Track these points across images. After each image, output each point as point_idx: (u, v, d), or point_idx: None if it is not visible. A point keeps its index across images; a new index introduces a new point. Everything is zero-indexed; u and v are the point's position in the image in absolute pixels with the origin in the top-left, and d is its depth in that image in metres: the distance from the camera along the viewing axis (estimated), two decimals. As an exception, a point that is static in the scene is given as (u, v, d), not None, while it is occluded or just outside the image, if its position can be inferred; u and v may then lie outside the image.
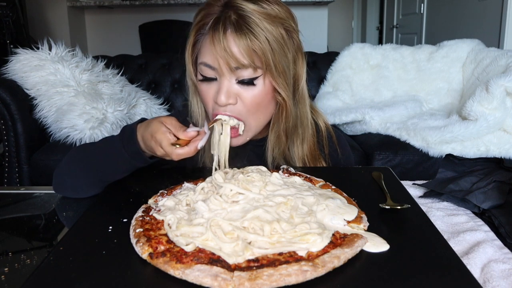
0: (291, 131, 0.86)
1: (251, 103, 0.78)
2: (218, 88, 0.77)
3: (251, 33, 0.73)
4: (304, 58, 0.84)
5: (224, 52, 0.73)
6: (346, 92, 2.39)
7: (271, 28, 0.75)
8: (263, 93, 0.78)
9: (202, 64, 0.78)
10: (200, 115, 0.87)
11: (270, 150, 0.87)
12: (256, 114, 0.80)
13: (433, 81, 2.39)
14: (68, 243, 0.52)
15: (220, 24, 0.74)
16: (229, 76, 0.76)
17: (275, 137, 0.86)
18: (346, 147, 1.00)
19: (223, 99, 0.76)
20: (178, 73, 2.56)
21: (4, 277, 0.53)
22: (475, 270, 0.57)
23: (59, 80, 1.95)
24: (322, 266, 0.44)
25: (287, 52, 0.78)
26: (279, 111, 0.83)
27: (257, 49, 0.74)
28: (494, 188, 0.78)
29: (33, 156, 1.94)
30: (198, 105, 0.86)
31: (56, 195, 0.83)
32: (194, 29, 0.79)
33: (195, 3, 3.80)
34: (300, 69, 0.83)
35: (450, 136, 1.79)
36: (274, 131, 0.86)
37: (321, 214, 0.56)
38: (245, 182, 0.61)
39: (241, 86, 0.77)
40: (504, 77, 1.78)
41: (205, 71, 0.78)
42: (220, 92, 0.76)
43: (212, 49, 0.75)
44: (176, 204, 0.60)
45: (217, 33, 0.74)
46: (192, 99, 0.86)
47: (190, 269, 0.44)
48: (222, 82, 0.77)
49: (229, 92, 0.76)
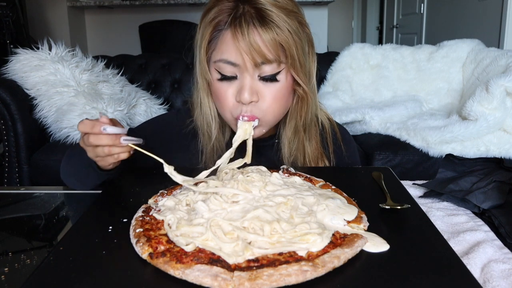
0: (309, 125, 0.86)
1: (273, 99, 0.77)
2: (240, 85, 0.75)
3: (276, 26, 0.72)
4: (315, 51, 0.84)
5: (250, 47, 0.71)
6: (346, 92, 2.39)
7: (289, 21, 0.74)
8: (284, 88, 0.78)
9: (221, 62, 0.75)
10: (213, 118, 0.84)
11: (287, 145, 0.86)
12: (275, 109, 0.79)
13: (433, 81, 2.39)
14: (68, 243, 0.52)
15: (242, 19, 0.72)
16: (252, 72, 0.74)
17: (292, 132, 0.85)
18: (351, 144, 0.98)
19: (247, 97, 0.74)
20: (178, 73, 2.56)
21: (4, 277, 0.54)
22: (475, 270, 0.57)
23: (59, 80, 1.96)
24: (322, 266, 0.44)
25: (305, 44, 0.78)
26: (298, 104, 0.82)
27: (282, 42, 0.73)
28: (494, 188, 0.78)
29: (33, 156, 1.94)
30: (210, 105, 0.84)
31: (56, 195, 0.84)
32: (209, 26, 0.76)
33: (195, 3, 3.80)
34: (312, 63, 0.83)
35: (450, 136, 1.79)
36: (291, 125, 0.85)
37: (321, 214, 0.56)
38: (245, 182, 0.61)
39: (264, 83, 0.76)
40: (504, 77, 1.78)
41: (225, 68, 0.75)
42: (243, 90, 0.74)
43: (235, 44, 0.72)
44: (176, 204, 0.60)
45: (241, 28, 0.71)
46: (203, 100, 0.84)
47: (190, 269, 0.44)
48: (245, 79, 0.75)
49: (252, 89, 0.75)
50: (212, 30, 0.76)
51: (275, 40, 0.72)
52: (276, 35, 0.72)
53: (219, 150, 0.87)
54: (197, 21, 0.81)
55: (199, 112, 0.86)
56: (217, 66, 0.76)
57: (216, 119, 0.85)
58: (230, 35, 0.73)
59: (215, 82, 0.78)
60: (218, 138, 0.87)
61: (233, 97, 0.77)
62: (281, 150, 0.88)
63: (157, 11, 4.07)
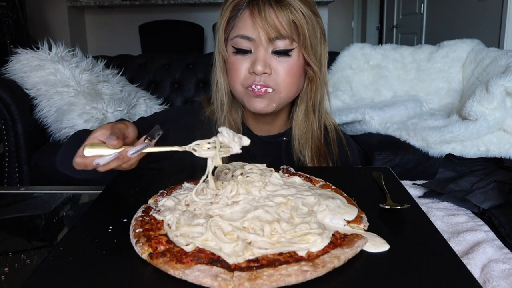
0: (318, 107, 0.91)
1: (286, 74, 0.82)
2: (254, 58, 0.81)
3: (291, 6, 0.79)
4: (327, 43, 0.90)
5: (265, 22, 0.78)
6: (346, 92, 2.39)
7: (304, 6, 0.80)
8: (296, 65, 0.83)
9: (238, 37, 0.81)
10: (226, 94, 0.89)
11: (298, 127, 0.91)
12: (289, 84, 0.84)
13: (433, 81, 2.39)
14: (68, 243, 0.52)
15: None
16: (266, 46, 0.80)
17: (303, 114, 0.90)
18: (354, 150, 1.02)
19: (260, 68, 0.79)
20: (178, 73, 2.56)
21: (4, 277, 0.54)
22: (475, 270, 0.57)
23: (59, 80, 1.96)
24: (322, 266, 0.44)
25: (317, 31, 0.84)
26: (308, 86, 0.88)
27: (296, 20, 0.79)
28: (494, 188, 0.78)
29: (33, 156, 1.94)
30: (224, 83, 0.88)
31: (56, 195, 0.83)
32: (229, 6, 0.83)
33: (195, 3, 3.80)
34: (323, 52, 0.89)
35: (450, 136, 1.79)
36: (301, 108, 0.90)
37: (322, 215, 0.56)
38: (245, 183, 0.61)
39: (277, 57, 0.81)
40: (504, 77, 1.77)
41: (241, 43, 0.81)
42: (257, 61, 0.80)
43: (252, 20, 0.79)
44: (176, 204, 0.60)
45: (257, 6, 0.79)
46: (219, 78, 0.89)
47: (190, 269, 0.44)
48: (259, 52, 0.81)
49: (265, 62, 0.80)
50: (232, 9, 0.83)
51: (289, 18, 0.79)
52: (290, 14, 0.79)
53: (235, 130, 0.90)
54: (197, 21, 0.84)
55: (215, 90, 0.91)
56: (234, 42, 0.82)
57: (229, 96, 0.90)
58: (247, 13, 0.80)
59: (231, 56, 0.84)
60: (233, 117, 0.92)
61: (246, 70, 0.82)
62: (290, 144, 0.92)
63: (157, 11, 4.07)
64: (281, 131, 0.95)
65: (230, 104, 0.91)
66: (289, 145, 0.93)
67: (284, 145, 0.94)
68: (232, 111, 0.92)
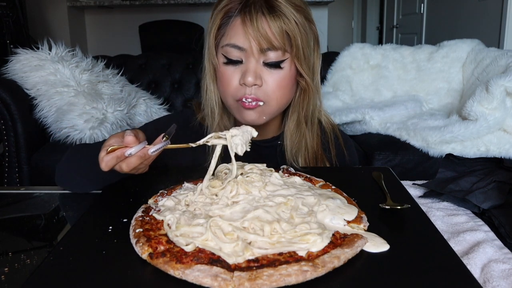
0: (311, 118, 0.89)
1: (276, 86, 0.80)
2: (245, 69, 0.79)
3: (284, 16, 0.76)
4: (320, 51, 0.87)
5: (257, 33, 0.75)
6: (346, 92, 2.39)
7: (297, 14, 0.78)
8: (288, 77, 0.81)
9: (228, 46, 0.79)
10: (216, 103, 0.87)
11: (289, 138, 0.88)
12: (279, 96, 0.82)
13: (433, 81, 2.39)
14: (68, 243, 0.52)
15: (252, 7, 0.76)
16: (258, 56, 0.78)
17: (295, 125, 0.88)
18: (352, 149, 1.01)
19: (251, 79, 0.77)
20: (178, 73, 2.56)
21: (4, 277, 0.53)
22: (475, 270, 0.57)
23: (59, 80, 1.96)
24: (322, 266, 0.44)
25: (310, 39, 0.81)
26: (300, 96, 0.86)
27: (289, 31, 0.76)
28: (494, 188, 0.78)
29: (33, 156, 1.94)
30: (214, 91, 0.86)
31: (56, 195, 0.83)
32: (220, 12, 0.80)
33: (195, 3, 3.80)
34: (317, 60, 0.86)
35: (450, 136, 1.79)
36: (293, 118, 0.88)
37: (322, 215, 0.56)
38: (245, 183, 0.61)
39: (268, 69, 0.79)
40: (504, 77, 1.77)
41: (232, 53, 0.79)
42: (247, 73, 0.78)
43: (243, 30, 0.76)
44: (176, 204, 0.60)
45: (250, 15, 0.76)
46: (209, 85, 0.87)
47: (190, 269, 0.44)
48: (250, 63, 0.78)
49: (256, 73, 0.78)
50: (223, 16, 0.80)
51: (282, 28, 0.76)
52: (283, 24, 0.76)
53: None
54: (197, 21, 0.83)
55: (205, 98, 0.89)
56: (224, 50, 0.80)
57: (219, 104, 0.88)
58: (239, 21, 0.77)
59: (221, 66, 0.81)
60: (224, 124, 0.90)
61: (236, 81, 0.80)
62: (283, 147, 0.90)
63: (157, 11, 4.07)
64: (275, 135, 0.94)
65: (221, 113, 0.89)
66: (283, 148, 0.92)
67: (279, 148, 0.93)
68: (223, 118, 0.90)
